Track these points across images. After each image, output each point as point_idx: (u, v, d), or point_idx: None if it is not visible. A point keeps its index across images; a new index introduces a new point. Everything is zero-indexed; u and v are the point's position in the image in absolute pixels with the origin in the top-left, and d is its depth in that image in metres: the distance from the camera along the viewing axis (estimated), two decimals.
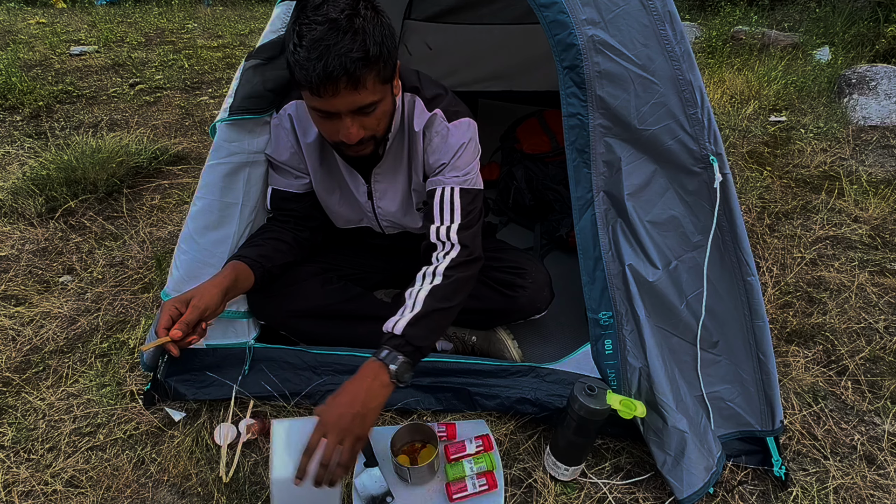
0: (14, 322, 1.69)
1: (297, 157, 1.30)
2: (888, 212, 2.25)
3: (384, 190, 1.32)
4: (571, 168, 1.22)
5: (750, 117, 3.19)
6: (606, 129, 1.17)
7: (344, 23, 0.95)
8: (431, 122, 1.21)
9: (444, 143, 1.21)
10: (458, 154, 1.21)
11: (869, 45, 4.15)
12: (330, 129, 1.08)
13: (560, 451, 1.18)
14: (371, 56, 0.97)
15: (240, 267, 1.21)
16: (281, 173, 1.32)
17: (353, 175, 1.31)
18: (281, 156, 1.29)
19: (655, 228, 1.19)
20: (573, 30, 1.11)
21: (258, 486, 1.22)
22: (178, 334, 1.01)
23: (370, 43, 0.97)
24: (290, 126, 1.26)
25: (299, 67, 0.96)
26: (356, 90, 0.99)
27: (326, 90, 0.97)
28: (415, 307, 1.09)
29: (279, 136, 1.27)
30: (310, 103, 1.05)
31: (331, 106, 1.01)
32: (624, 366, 1.22)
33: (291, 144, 1.28)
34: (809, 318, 1.71)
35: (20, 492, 1.21)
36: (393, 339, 1.06)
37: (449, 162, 1.21)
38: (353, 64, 0.95)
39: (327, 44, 0.94)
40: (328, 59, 0.94)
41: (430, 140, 1.22)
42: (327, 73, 0.94)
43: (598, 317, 1.24)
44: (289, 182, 1.33)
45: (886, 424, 1.36)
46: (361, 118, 1.06)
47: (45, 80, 3.63)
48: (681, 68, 1.13)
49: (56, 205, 2.25)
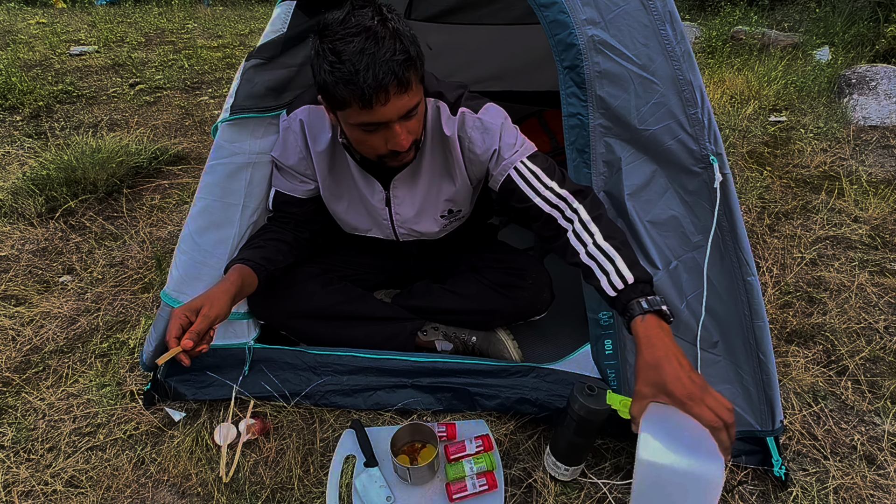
0: (14, 322, 1.69)
1: (305, 163, 1.28)
2: (888, 212, 2.25)
3: (403, 196, 1.30)
4: (571, 168, 1.22)
5: (750, 117, 3.19)
6: (606, 129, 1.17)
7: (380, 29, 0.94)
8: (463, 123, 1.18)
9: (486, 134, 1.18)
10: (502, 133, 1.17)
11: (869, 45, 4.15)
12: (377, 143, 1.06)
13: (560, 452, 1.18)
14: (412, 56, 0.97)
15: (245, 271, 1.20)
16: (286, 176, 1.31)
17: (370, 182, 1.29)
18: (288, 160, 1.27)
19: (655, 228, 1.19)
20: (573, 30, 1.11)
21: (258, 486, 1.22)
22: (190, 344, 1.00)
23: (407, 43, 0.96)
24: (301, 131, 1.24)
25: (345, 84, 0.94)
26: (405, 93, 0.98)
27: (378, 99, 0.95)
28: (609, 254, 1.02)
29: (288, 140, 1.26)
30: (355, 120, 1.01)
31: (381, 115, 0.99)
32: (624, 366, 1.22)
33: (300, 150, 1.26)
34: (809, 318, 1.71)
35: (20, 492, 1.21)
36: (632, 288, 0.98)
37: (499, 145, 1.18)
38: (400, 67, 0.94)
39: (371, 52, 0.92)
40: (376, 68, 0.92)
41: (470, 139, 1.19)
42: (378, 81, 0.93)
43: (598, 317, 1.24)
44: (293, 186, 1.31)
45: (886, 424, 1.36)
46: (407, 123, 1.04)
47: (45, 80, 3.63)
48: (681, 68, 1.13)
49: (56, 205, 2.25)
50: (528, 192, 1.15)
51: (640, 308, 0.95)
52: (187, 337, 1.01)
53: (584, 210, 1.09)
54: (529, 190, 1.15)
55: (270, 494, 1.20)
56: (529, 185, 1.15)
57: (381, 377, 1.37)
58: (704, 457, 0.82)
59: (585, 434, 1.14)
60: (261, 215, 1.36)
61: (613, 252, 1.03)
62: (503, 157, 1.17)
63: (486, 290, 1.43)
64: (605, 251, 1.04)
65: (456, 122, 1.18)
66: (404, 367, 1.36)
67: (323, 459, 1.27)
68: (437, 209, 1.33)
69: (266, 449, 1.29)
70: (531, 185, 1.15)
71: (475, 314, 1.46)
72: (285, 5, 1.29)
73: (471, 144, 1.19)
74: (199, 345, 1.04)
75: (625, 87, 1.14)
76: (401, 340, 1.45)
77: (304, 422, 1.36)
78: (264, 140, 1.30)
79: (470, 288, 1.45)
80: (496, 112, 1.20)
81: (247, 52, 1.61)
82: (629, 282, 0.99)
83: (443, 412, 1.37)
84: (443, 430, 1.28)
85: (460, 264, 1.53)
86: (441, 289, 1.49)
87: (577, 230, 1.09)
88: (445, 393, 1.36)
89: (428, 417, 1.36)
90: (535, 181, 1.15)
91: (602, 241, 1.05)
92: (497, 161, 1.18)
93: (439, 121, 1.20)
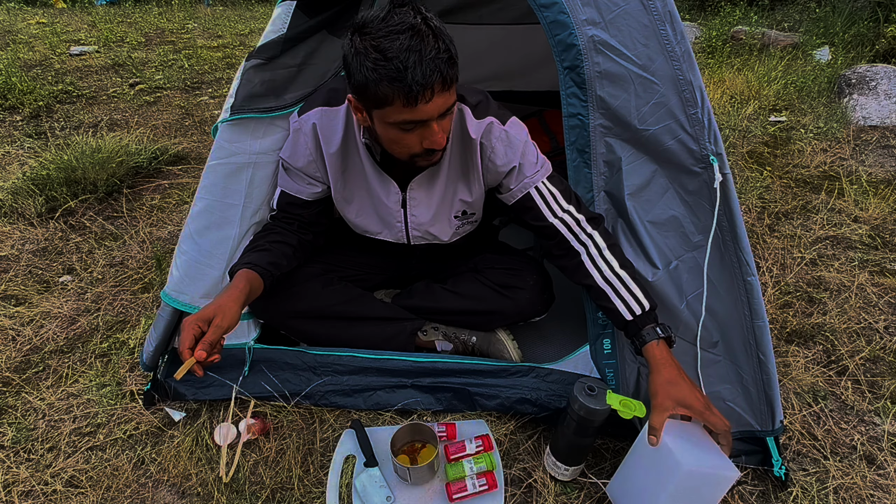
0: (14, 322, 1.69)
1: (314, 166, 1.27)
2: (888, 212, 2.25)
3: (420, 198, 1.30)
4: (572, 168, 1.22)
5: (750, 117, 3.19)
6: (607, 129, 1.17)
7: (423, 27, 0.94)
8: (489, 131, 1.19)
9: (509, 148, 1.19)
10: (525, 151, 1.20)
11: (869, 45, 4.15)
12: (413, 142, 1.06)
13: (560, 452, 1.18)
14: (453, 54, 0.97)
15: (252, 276, 1.19)
16: (293, 178, 1.30)
17: (386, 184, 1.28)
18: (297, 162, 1.26)
19: (655, 228, 1.19)
20: (573, 30, 1.11)
21: (258, 486, 1.22)
22: (203, 355, 1.00)
23: (448, 42, 0.97)
24: (312, 134, 1.23)
25: (389, 81, 0.94)
26: (447, 91, 0.99)
27: (424, 97, 0.95)
28: (629, 284, 1.14)
29: (298, 141, 1.24)
30: (395, 118, 1.00)
31: (423, 113, 0.99)
32: (622, 364, 1.22)
33: (311, 152, 1.25)
34: (809, 318, 1.71)
35: (20, 492, 1.21)
36: (650, 314, 1.13)
37: (520, 162, 1.20)
38: (445, 65, 0.95)
39: (418, 50, 0.92)
40: (424, 66, 0.92)
41: (492, 148, 1.19)
42: (426, 78, 0.93)
43: (597, 316, 1.24)
44: (300, 188, 1.30)
45: (886, 424, 1.36)
46: (443, 122, 1.05)
47: (45, 80, 3.63)
48: (681, 68, 1.13)
49: (56, 205, 2.25)
50: (545, 211, 1.20)
51: (656, 334, 1.10)
52: (200, 347, 1.00)
53: (600, 237, 1.18)
54: (547, 210, 1.20)
55: (270, 494, 1.20)
56: (547, 205, 1.20)
57: (381, 377, 1.37)
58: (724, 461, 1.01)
59: (585, 434, 1.14)
60: (263, 216, 1.36)
61: (630, 281, 1.14)
62: (524, 174, 1.20)
63: (486, 291, 1.43)
64: (622, 279, 1.15)
65: (482, 127, 1.19)
66: (404, 367, 1.36)
67: (323, 459, 1.27)
68: (451, 211, 1.33)
69: (266, 449, 1.29)
70: (549, 205, 1.20)
71: (475, 314, 1.46)
72: (285, 5, 1.29)
73: (492, 154, 1.20)
74: (212, 355, 1.04)
75: (625, 87, 1.14)
76: (401, 340, 1.45)
77: (304, 422, 1.36)
78: (265, 140, 1.29)
79: (470, 288, 1.45)
80: (520, 128, 1.22)
81: (247, 52, 1.61)
82: (646, 308, 1.12)
83: (443, 412, 1.37)
84: (443, 430, 1.28)
85: (461, 265, 1.53)
86: (441, 289, 1.49)
87: (591, 254, 1.18)
88: (445, 393, 1.36)
89: (428, 417, 1.36)
90: (553, 202, 1.20)
91: (619, 270, 1.15)
92: (517, 177, 1.21)
93: (463, 123, 1.20)
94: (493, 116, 1.19)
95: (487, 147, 1.20)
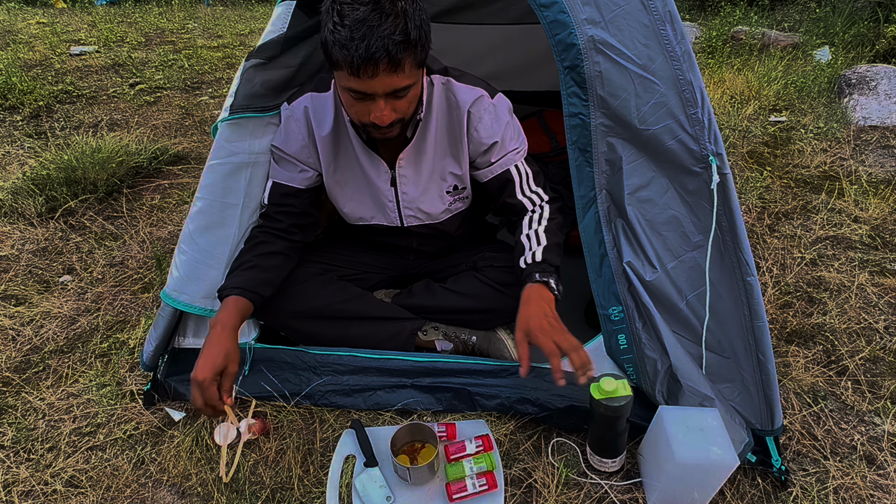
0: (14, 322, 1.69)
1: (307, 151, 1.29)
2: (888, 212, 2.25)
3: (409, 175, 1.32)
4: (574, 167, 1.22)
5: (750, 117, 3.18)
6: (608, 128, 1.17)
7: (387, 5, 0.96)
8: (479, 102, 1.23)
9: (495, 122, 1.25)
10: (506, 128, 1.27)
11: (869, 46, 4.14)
12: (361, 111, 1.09)
13: (598, 447, 1.21)
14: (412, 40, 0.99)
15: (242, 304, 1.22)
16: (285, 166, 1.31)
17: (376, 162, 1.31)
18: (290, 148, 1.28)
19: (655, 228, 1.19)
20: (573, 29, 1.11)
21: (258, 486, 1.22)
22: (231, 401, 1.14)
23: (411, 26, 0.98)
24: (304, 118, 1.26)
25: (339, 47, 0.97)
26: (395, 73, 1.01)
27: (366, 71, 0.98)
28: (540, 240, 1.26)
29: (290, 127, 1.27)
30: (344, 84, 1.05)
31: (367, 87, 1.02)
32: (642, 358, 1.21)
33: (303, 137, 1.27)
34: (809, 319, 1.71)
35: (20, 492, 1.21)
36: (536, 265, 1.23)
37: (502, 138, 1.25)
38: (395, 46, 0.97)
39: (370, 25, 0.95)
40: (370, 40, 0.95)
41: (479, 118, 1.24)
42: (369, 53, 0.96)
43: (608, 312, 1.24)
44: (291, 176, 1.31)
45: (886, 424, 1.36)
46: (394, 101, 1.08)
47: (45, 80, 3.63)
48: (681, 68, 1.13)
49: (56, 205, 2.25)
50: (517, 189, 1.31)
51: (533, 278, 1.21)
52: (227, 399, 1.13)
53: (548, 209, 1.32)
54: (519, 188, 1.31)
55: (270, 494, 1.20)
56: (521, 183, 1.31)
57: (381, 377, 1.37)
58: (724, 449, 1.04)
59: (613, 428, 1.16)
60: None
61: (543, 240, 1.26)
62: (506, 148, 1.27)
63: (486, 289, 1.43)
64: (538, 237, 1.27)
65: (474, 96, 1.23)
66: (404, 366, 1.36)
67: (323, 459, 1.27)
68: (442, 185, 1.35)
69: (266, 449, 1.29)
70: (522, 184, 1.31)
71: (475, 313, 1.45)
72: (285, 5, 1.29)
73: (479, 124, 1.24)
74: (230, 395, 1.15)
75: (625, 86, 1.14)
76: (401, 340, 1.45)
77: (304, 422, 1.36)
78: (264, 140, 1.30)
79: (470, 287, 1.45)
80: (506, 104, 1.29)
81: (247, 52, 1.61)
82: (538, 260, 1.24)
83: (443, 412, 1.37)
84: (443, 430, 1.28)
85: (460, 263, 1.53)
86: (441, 288, 1.49)
87: (531, 217, 1.32)
88: (445, 393, 1.36)
89: (428, 417, 1.36)
90: (526, 182, 1.32)
91: (541, 231, 1.28)
92: (498, 151, 1.27)
93: (450, 93, 1.24)
94: (483, 90, 1.24)
95: (475, 116, 1.24)
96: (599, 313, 1.26)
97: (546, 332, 1.11)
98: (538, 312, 1.14)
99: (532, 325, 1.12)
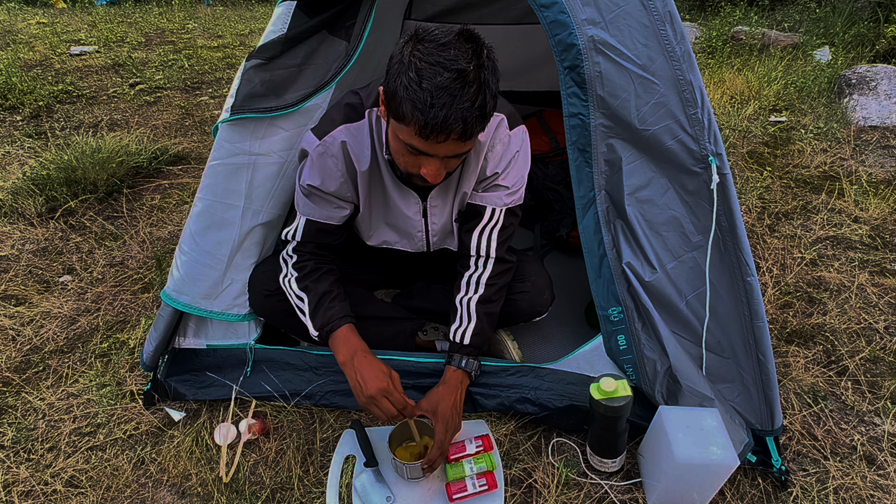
0: (14, 322, 1.69)
1: (346, 187, 1.23)
2: (888, 212, 2.25)
3: (439, 206, 1.30)
4: (573, 167, 1.22)
5: (750, 117, 3.18)
6: (608, 128, 1.17)
7: (471, 75, 0.92)
8: (497, 127, 1.19)
9: (504, 152, 1.21)
10: (510, 167, 1.22)
11: (869, 46, 4.14)
12: (411, 163, 1.06)
13: (598, 448, 1.21)
14: (487, 112, 0.96)
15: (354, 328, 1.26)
16: (321, 204, 1.24)
17: (406, 195, 1.27)
18: (329, 186, 1.21)
19: (655, 228, 1.19)
20: (573, 30, 1.11)
21: (258, 486, 1.22)
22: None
23: (488, 97, 0.95)
24: (343, 154, 1.19)
25: (414, 108, 0.92)
26: (465, 141, 0.98)
27: (437, 137, 0.95)
28: (471, 318, 1.28)
29: (326, 165, 1.19)
30: (406, 139, 1.00)
31: (432, 150, 0.99)
32: (641, 359, 1.22)
33: (342, 174, 1.21)
34: (809, 319, 1.71)
35: (20, 492, 1.21)
36: (463, 348, 1.28)
37: (501, 173, 1.22)
38: (473, 120, 0.94)
39: (452, 94, 0.91)
40: (449, 111, 0.91)
41: (492, 147, 1.20)
42: (446, 123, 0.92)
43: (608, 313, 1.24)
44: (330, 214, 1.26)
45: (886, 424, 1.36)
46: (450, 161, 1.05)
47: (45, 80, 3.63)
48: (681, 68, 1.13)
49: (56, 205, 2.25)
50: (479, 229, 1.27)
51: (459, 363, 1.27)
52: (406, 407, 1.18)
53: (489, 272, 1.29)
54: (482, 229, 1.27)
55: (270, 494, 1.20)
56: (488, 227, 1.27)
57: None
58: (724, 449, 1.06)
59: (613, 428, 1.16)
60: (268, 217, 1.34)
61: (475, 316, 1.28)
62: (496, 191, 1.25)
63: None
64: (470, 312, 1.29)
65: (493, 122, 1.19)
66: (405, 367, 1.36)
67: (323, 459, 1.27)
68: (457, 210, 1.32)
69: (266, 449, 1.29)
70: (488, 228, 1.27)
71: None
72: (286, 5, 1.29)
73: (491, 151, 1.21)
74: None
75: (625, 87, 1.14)
76: (401, 340, 1.45)
77: (304, 422, 1.36)
78: (265, 140, 1.29)
79: None
80: (522, 138, 1.24)
81: (247, 52, 1.61)
82: (465, 343, 1.28)
83: None
84: None
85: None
86: (441, 289, 1.49)
87: (472, 278, 1.30)
88: None
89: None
90: (492, 229, 1.27)
91: (474, 304, 1.28)
92: (489, 185, 1.24)
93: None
94: (505, 115, 1.20)
95: (489, 144, 1.20)
96: (599, 314, 1.26)
97: (446, 422, 1.19)
98: (449, 401, 1.22)
99: (440, 410, 1.20)
